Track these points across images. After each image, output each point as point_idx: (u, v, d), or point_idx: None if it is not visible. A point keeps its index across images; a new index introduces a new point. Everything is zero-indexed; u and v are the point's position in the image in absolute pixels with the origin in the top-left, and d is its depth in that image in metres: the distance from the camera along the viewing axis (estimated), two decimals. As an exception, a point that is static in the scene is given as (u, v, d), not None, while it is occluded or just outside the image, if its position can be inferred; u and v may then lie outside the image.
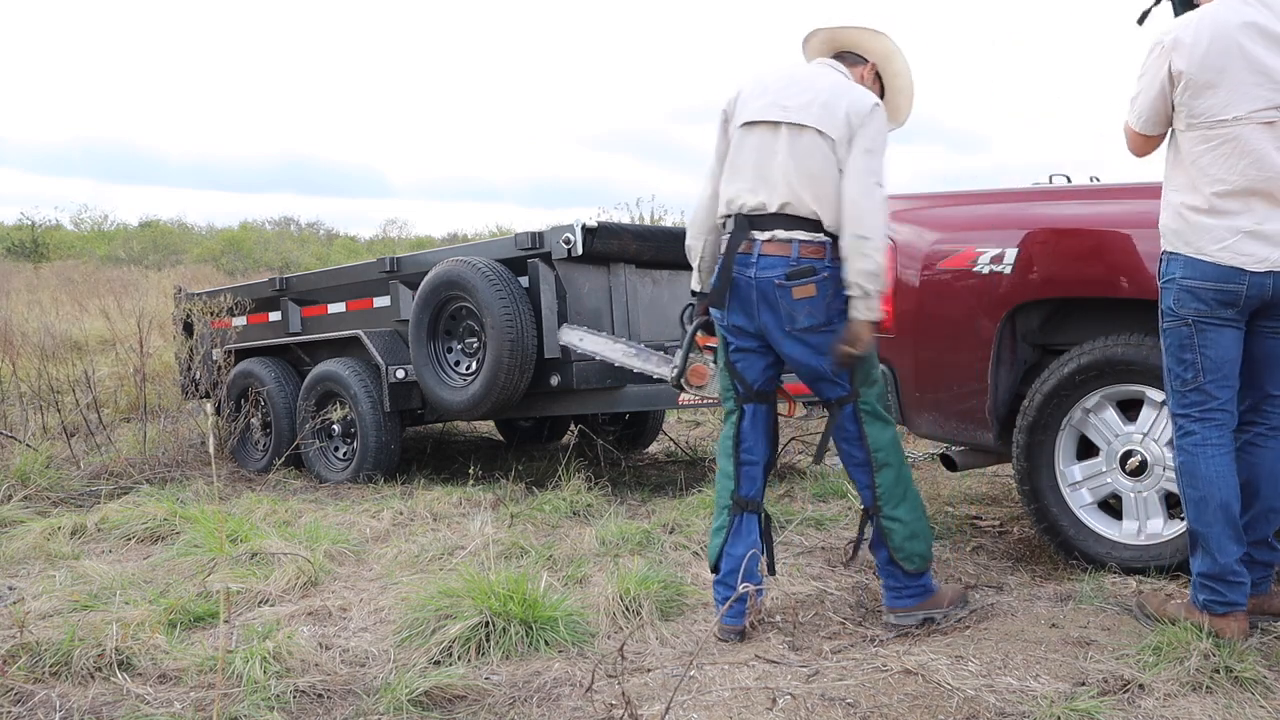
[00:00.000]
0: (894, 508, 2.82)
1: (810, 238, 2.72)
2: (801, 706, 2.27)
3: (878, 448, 2.82)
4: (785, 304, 2.72)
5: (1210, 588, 2.61)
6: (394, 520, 4.32)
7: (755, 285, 2.74)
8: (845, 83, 2.83)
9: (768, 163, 2.76)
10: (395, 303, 5.38)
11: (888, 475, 2.83)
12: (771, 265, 2.73)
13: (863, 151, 2.71)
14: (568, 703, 2.41)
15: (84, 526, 4.19)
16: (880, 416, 2.84)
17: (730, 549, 2.86)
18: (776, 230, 2.73)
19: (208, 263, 19.26)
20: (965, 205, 3.68)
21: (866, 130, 2.72)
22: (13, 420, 6.18)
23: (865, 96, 2.77)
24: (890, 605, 2.88)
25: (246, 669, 2.52)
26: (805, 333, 2.74)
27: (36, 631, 2.73)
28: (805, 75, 2.87)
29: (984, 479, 4.99)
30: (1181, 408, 2.65)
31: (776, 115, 2.77)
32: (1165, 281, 2.64)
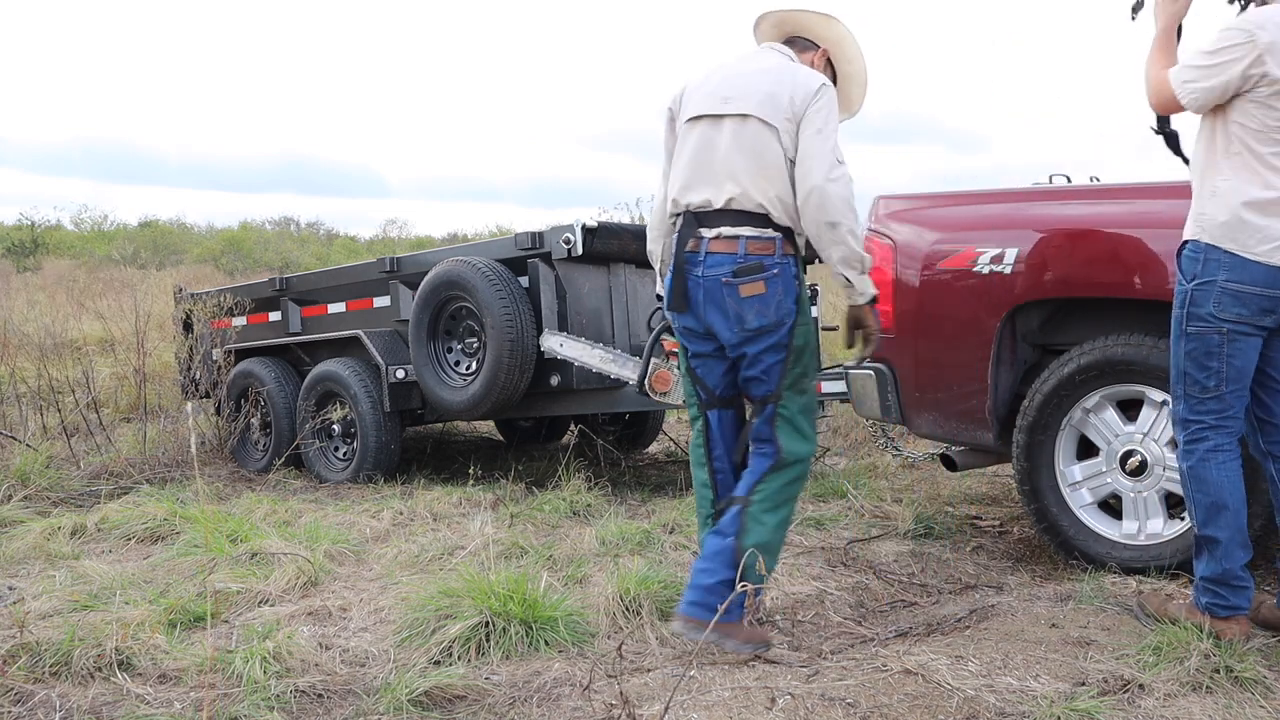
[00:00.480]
0: (764, 510, 2.64)
1: (758, 233, 2.61)
2: (801, 706, 2.27)
3: (787, 451, 2.66)
4: (733, 303, 2.60)
5: (1214, 591, 2.59)
6: (394, 520, 4.32)
7: (703, 285, 2.63)
8: (789, 66, 2.70)
9: (711, 157, 2.66)
10: (395, 303, 5.38)
11: (778, 479, 2.65)
12: (719, 263, 2.61)
13: (814, 133, 2.58)
14: (568, 703, 2.41)
15: (84, 526, 4.19)
16: (798, 429, 2.68)
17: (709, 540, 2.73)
18: (723, 227, 2.62)
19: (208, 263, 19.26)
20: (965, 205, 3.68)
21: (815, 111, 2.59)
22: (13, 420, 6.17)
23: (810, 78, 2.64)
24: (688, 612, 2.59)
25: (246, 669, 2.52)
26: (756, 334, 2.61)
27: (36, 631, 2.73)
28: (747, 64, 2.74)
29: (984, 479, 4.99)
30: (1196, 414, 2.59)
31: (717, 108, 2.67)
32: (1203, 283, 2.52)
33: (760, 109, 2.61)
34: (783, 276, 2.61)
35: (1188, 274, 2.56)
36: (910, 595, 3.23)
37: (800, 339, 2.66)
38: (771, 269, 2.60)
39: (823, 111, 2.60)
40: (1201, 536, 2.61)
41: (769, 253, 2.61)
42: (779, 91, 2.61)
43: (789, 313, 2.62)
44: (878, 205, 3.79)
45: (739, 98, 2.64)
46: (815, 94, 2.60)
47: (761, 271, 2.59)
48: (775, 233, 2.62)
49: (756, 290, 2.58)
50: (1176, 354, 2.61)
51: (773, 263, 2.60)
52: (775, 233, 2.62)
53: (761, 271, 2.59)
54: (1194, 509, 2.62)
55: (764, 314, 2.60)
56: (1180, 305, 2.58)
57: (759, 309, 2.59)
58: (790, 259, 2.63)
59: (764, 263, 2.60)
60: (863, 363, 2.65)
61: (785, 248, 2.62)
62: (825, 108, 2.61)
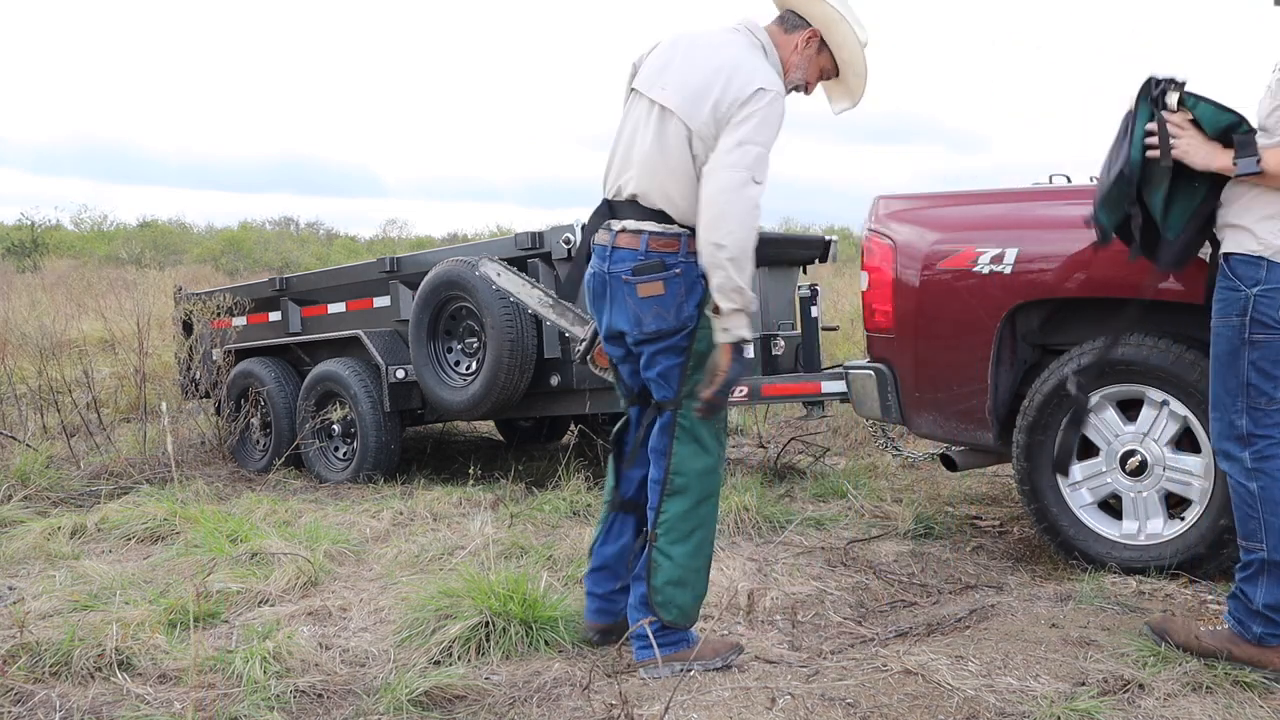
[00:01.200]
0: (670, 543, 2.48)
1: (662, 229, 2.42)
2: (801, 706, 2.27)
3: (678, 471, 2.47)
4: (633, 303, 2.43)
5: (1272, 620, 2.42)
6: (394, 520, 4.32)
7: (609, 280, 2.48)
8: (739, 62, 2.42)
9: (632, 142, 2.49)
10: (395, 303, 5.39)
11: (678, 505, 2.48)
12: (621, 259, 2.44)
13: (735, 143, 2.34)
14: (567, 703, 2.41)
15: (84, 526, 4.19)
16: (697, 439, 2.48)
17: (601, 546, 2.71)
18: (628, 220, 2.46)
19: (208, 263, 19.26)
20: (965, 205, 3.68)
21: (745, 119, 2.34)
22: (13, 420, 6.17)
23: (748, 81, 2.37)
24: (637, 658, 2.52)
25: (246, 669, 2.52)
26: (654, 337, 2.44)
27: (36, 631, 2.73)
28: (700, 49, 2.48)
29: (984, 479, 4.99)
30: (1263, 428, 2.42)
31: (653, 93, 2.47)
32: (1270, 288, 2.38)
33: (682, 107, 2.40)
34: (685, 277, 2.42)
35: (1248, 280, 2.41)
36: (910, 595, 3.23)
37: (702, 343, 2.45)
38: (673, 268, 2.41)
39: (752, 120, 2.35)
40: (1271, 562, 2.42)
41: (672, 250, 2.42)
42: (710, 90, 2.38)
43: (690, 318, 2.43)
44: (878, 205, 3.79)
45: (672, 87, 2.44)
46: (746, 101, 2.35)
47: (662, 270, 2.41)
48: (682, 229, 2.43)
49: (655, 290, 2.41)
50: (1235, 365, 2.44)
51: (675, 261, 2.42)
52: (682, 229, 2.43)
53: (662, 270, 2.41)
54: (1265, 533, 2.43)
55: (662, 317, 2.42)
56: (1240, 313, 2.42)
57: (657, 311, 2.42)
58: (695, 258, 2.42)
59: (665, 261, 2.42)
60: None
61: (691, 245, 2.42)
62: (757, 119, 2.35)
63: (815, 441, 5.99)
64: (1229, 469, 2.49)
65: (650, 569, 2.50)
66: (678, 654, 2.51)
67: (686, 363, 2.47)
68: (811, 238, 5.68)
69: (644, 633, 2.46)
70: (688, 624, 2.55)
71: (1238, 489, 2.47)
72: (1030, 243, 3.34)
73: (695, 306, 2.44)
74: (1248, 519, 2.46)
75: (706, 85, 2.40)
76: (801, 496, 4.54)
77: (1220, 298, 2.48)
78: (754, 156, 2.34)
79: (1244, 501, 2.46)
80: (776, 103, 2.39)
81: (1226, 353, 2.46)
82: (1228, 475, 2.50)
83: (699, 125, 2.39)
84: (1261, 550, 2.43)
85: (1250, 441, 2.43)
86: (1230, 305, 2.44)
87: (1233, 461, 2.47)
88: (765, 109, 2.36)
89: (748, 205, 2.34)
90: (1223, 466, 2.52)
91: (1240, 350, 2.43)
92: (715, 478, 2.53)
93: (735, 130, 2.35)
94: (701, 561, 2.54)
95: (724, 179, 2.33)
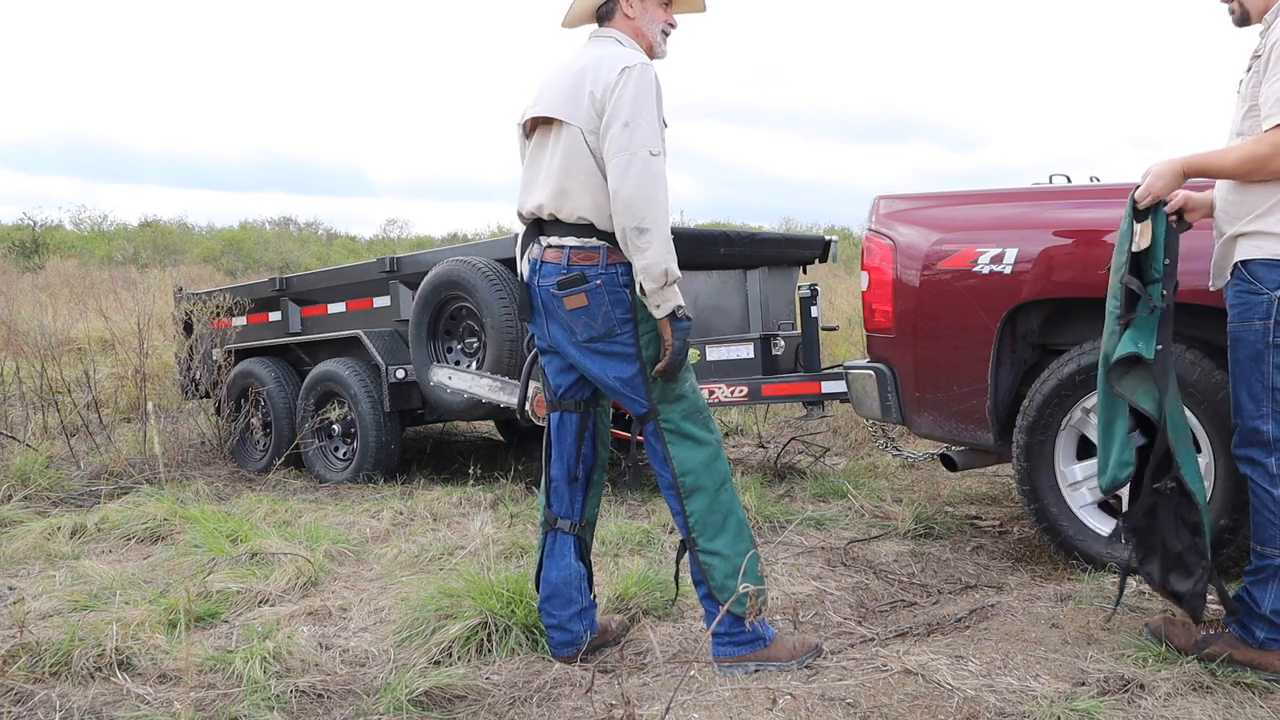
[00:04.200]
0: (710, 539, 2.51)
1: (581, 243, 2.49)
2: (801, 706, 2.27)
3: (684, 470, 2.51)
4: (563, 314, 2.51)
5: (1276, 625, 2.42)
6: (394, 520, 4.32)
7: (539, 294, 2.55)
8: (600, 56, 2.48)
9: (536, 165, 2.57)
10: (395, 303, 5.39)
11: (699, 501, 2.51)
12: (547, 274, 2.52)
13: (620, 128, 2.37)
14: (568, 703, 2.41)
15: (84, 526, 4.19)
16: (688, 435, 2.52)
17: (545, 573, 2.67)
18: (553, 236, 2.53)
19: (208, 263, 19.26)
20: (965, 205, 3.68)
21: (619, 101, 2.38)
22: (13, 420, 6.17)
23: (612, 66, 2.42)
24: (715, 654, 2.54)
25: (246, 669, 2.52)
26: (590, 344, 2.51)
27: (36, 631, 2.73)
28: (561, 63, 2.58)
29: (984, 479, 4.99)
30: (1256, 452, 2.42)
31: (540, 112, 2.54)
32: None
33: (563, 111, 2.47)
34: (607, 287, 2.47)
35: (1270, 283, 2.39)
36: (910, 595, 3.23)
37: (650, 348, 2.50)
38: (594, 280, 2.47)
39: (626, 100, 2.38)
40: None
41: (592, 263, 2.48)
42: (580, 89, 2.45)
43: (619, 322, 2.48)
44: (878, 205, 3.79)
45: (550, 101, 2.52)
46: (615, 82, 2.39)
47: (583, 283, 2.47)
48: (600, 242, 2.48)
49: (579, 303, 2.47)
50: (1260, 370, 2.42)
51: (595, 273, 2.47)
52: (600, 242, 2.48)
53: (583, 283, 2.47)
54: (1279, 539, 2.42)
55: (591, 325, 2.48)
56: (1263, 316, 2.39)
57: (585, 320, 2.49)
58: (617, 268, 2.47)
59: (585, 274, 2.47)
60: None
61: (611, 256, 2.47)
62: (630, 94, 2.38)
63: (815, 441, 6.00)
64: (1253, 474, 2.46)
65: (705, 572, 2.51)
66: (754, 653, 2.52)
67: (643, 370, 2.50)
68: (811, 238, 5.69)
69: (721, 630, 2.49)
70: (760, 609, 2.52)
71: (1261, 494, 2.45)
72: (1030, 243, 3.34)
73: (625, 312, 2.48)
74: (1268, 524, 2.43)
75: (577, 84, 2.46)
76: (801, 496, 4.55)
77: (1239, 302, 2.45)
78: (644, 133, 2.37)
79: (1265, 506, 2.43)
80: (645, 71, 2.42)
81: (1249, 358, 2.43)
82: (1250, 480, 2.47)
83: (584, 121, 2.44)
84: (1277, 556, 2.41)
85: (1277, 447, 2.41)
86: (1252, 309, 2.41)
87: (1257, 467, 2.45)
88: (635, 82, 2.39)
89: (654, 182, 2.37)
90: (1245, 471, 2.49)
91: (1265, 354, 2.40)
92: (721, 463, 2.55)
93: (617, 115, 2.38)
94: (746, 544, 2.54)
95: (623, 163, 2.36)
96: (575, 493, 2.68)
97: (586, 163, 2.46)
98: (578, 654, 2.64)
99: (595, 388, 2.66)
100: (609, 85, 2.40)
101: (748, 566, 2.45)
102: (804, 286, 5.43)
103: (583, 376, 2.63)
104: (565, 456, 2.67)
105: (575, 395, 2.66)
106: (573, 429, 2.66)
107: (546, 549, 2.68)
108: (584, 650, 2.65)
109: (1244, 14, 2.53)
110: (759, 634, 2.52)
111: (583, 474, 2.68)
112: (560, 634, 2.66)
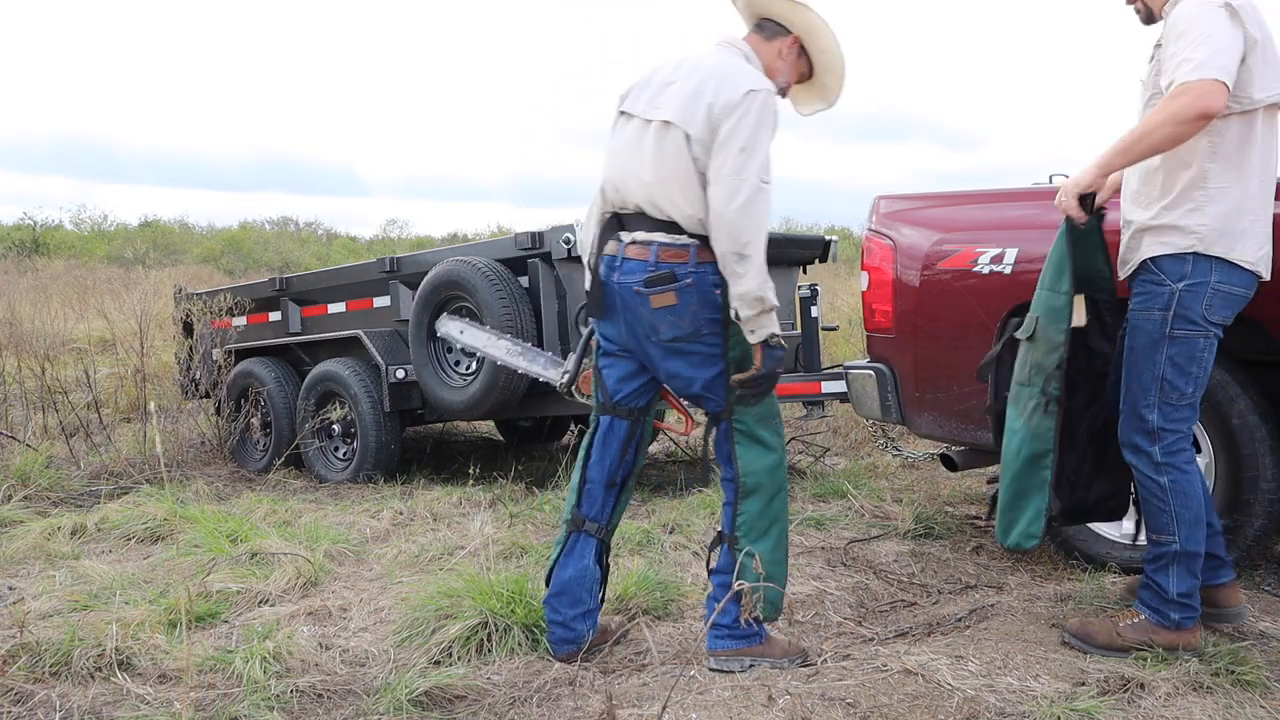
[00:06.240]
0: (754, 541, 2.52)
1: (671, 240, 2.45)
2: (801, 706, 2.27)
3: (747, 472, 2.53)
4: (646, 313, 2.46)
5: (1188, 605, 2.52)
6: (394, 520, 4.32)
7: (618, 291, 2.51)
8: (726, 68, 2.47)
9: (631, 158, 2.52)
10: (395, 303, 5.39)
11: (754, 504, 2.53)
12: (631, 270, 2.47)
13: (738, 150, 2.36)
14: (567, 703, 2.41)
15: (84, 526, 4.19)
16: (758, 440, 2.54)
17: (560, 570, 2.65)
18: (638, 232, 2.49)
19: (208, 263, 19.27)
20: (965, 205, 3.68)
21: (739, 124, 2.36)
22: (13, 420, 6.17)
23: (737, 85, 2.40)
24: (711, 647, 2.56)
25: (246, 669, 2.52)
26: (674, 343, 2.48)
27: (36, 631, 2.73)
28: (691, 62, 2.53)
29: (984, 479, 4.99)
30: (1172, 423, 2.51)
31: (645, 110, 2.52)
32: (1193, 284, 2.45)
33: (678, 116, 2.44)
34: (697, 287, 2.44)
35: (1174, 275, 2.48)
36: (910, 595, 3.23)
37: (736, 350, 2.50)
38: (684, 279, 2.44)
39: (748, 125, 2.37)
40: (1181, 553, 2.50)
41: (682, 260, 2.45)
42: (700, 98, 2.42)
43: (706, 322, 2.46)
44: (878, 205, 3.79)
45: (666, 103, 2.48)
46: (738, 104, 2.37)
47: (673, 281, 2.44)
48: (690, 240, 2.45)
49: (667, 301, 2.44)
50: (1152, 360, 2.50)
51: (686, 271, 2.44)
52: (690, 240, 2.45)
53: (673, 281, 2.44)
54: (1176, 525, 2.50)
55: (678, 325, 2.45)
56: (1163, 308, 2.50)
57: (672, 320, 2.45)
58: (706, 267, 2.45)
59: (675, 272, 2.44)
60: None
61: (701, 255, 2.45)
62: (752, 121, 2.37)
63: (815, 441, 6.00)
64: (1136, 462, 2.57)
65: (737, 570, 2.52)
66: (750, 648, 2.55)
67: (726, 371, 2.50)
68: (811, 238, 5.68)
69: (723, 621, 2.52)
70: (777, 616, 2.59)
71: (1146, 483, 2.55)
72: (1030, 243, 3.34)
73: (714, 312, 2.47)
74: (1159, 512, 2.53)
75: (698, 92, 2.43)
76: (801, 496, 4.54)
77: (1142, 292, 2.55)
78: (759, 161, 2.37)
79: (1153, 495, 2.54)
80: (769, 101, 2.42)
81: (1145, 346, 2.53)
82: (1134, 469, 2.58)
83: (697, 130, 2.41)
84: (1173, 542, 2.51)
85: (1160, 436, 2.52)
86: (1153, 299, 2.51)
87: (1141, 455, 2.55)
88: (759, 109, 2.38)
89: (762, 211, 2.37)
90: (1129, 460, 2.59)
91: (1160, 344, 2.50)
92: (782, 472, 2.57)
93: (734, 137, 2.37)
94: (782, 555, 2.57)
95: (733, 187, 2.35)
96: (609, 497, 2.66)
97: (687, 169, 2.42)
98: (578, 653, 2.64)
99: (650, 397, 2.67)
100: (731, 104, 2.38)
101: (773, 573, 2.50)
102: (804, 286, 5.43)
103: (642, 385, 2.62)
104: (609, 461, 2.65)
105: (632, 403, 2.64)
106: (621, 435, 2.64)
107: (567, 547, 2.66)
108: (584, 650, 2.65)
109: (1149, 13, 2.63)
110: (756, 631, 2.55)
111: (620, 479, 2.67)
112: (562, 631, 2.65)
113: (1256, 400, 3.00)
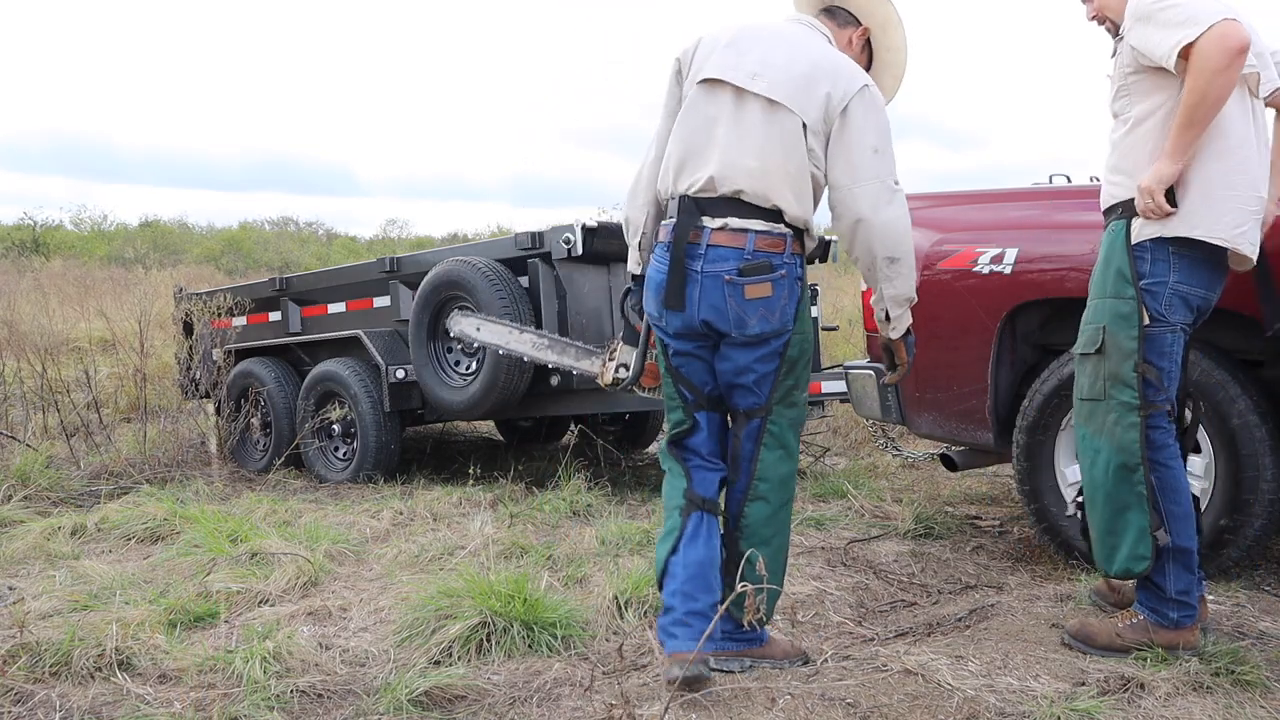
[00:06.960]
0: (752, 545, 2.44)
1: (768, 228, 2.32)
2: (801, 706, 2.27)
3: (762, 477, 2.44)
4: (735, 304, 2.32)
5: (1185, 604, 2.52)
6: (394, 520, 4.32)
7: (700, 281, 2.34)
8: (829, 53, 2.38)
9: (724, 136, 2.34)
10: (395, 303, 5.39)
11: (760, 510, 2.45)
12: (722, 258, 2.32)
13: (870, 151, 2.28)
14: (568, 703, 2.41)
15: (84, 526, 4.19)
16: (784, 444, 2.45)
17: (687, 550, 2.40)
18: (730, 218, 2.33)
19: (208, 263, 19.26)
20: (966, 205, 3.68)
21: (865, 122, 2.29)
22: (13, 420, 6.17)
23: (853, 75, 2.33)
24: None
25: (246, 669, 2.52)
26: (755, 339, 2.36)
27: (36, 631, 2.73)
28: (782, 36, 2.40)
29: (984, 479, 4.99)
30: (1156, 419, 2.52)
31: (742, 80, 2.33)
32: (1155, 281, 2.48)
33: (791, 99, 2.29)
34: (789, 279, 2.35)
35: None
36: (910, 595, 3.23)
37: (795, 349, 2.42)
38: (780, 269, 2.33)
39: (873, 123, 2.30)
40: (1175, 549, 2.50)
41: (778, 250, 2.33)
42: (817, 83, 2.30)
43: (789, 319, 2.38)
44: (878, 205, 3.78)
45: (770, 77, 2.32)
46: (858, 97, 2.29)
47: (770, 272, 2.31)
48: (786, 229, 2.35)
49: (762, 292, 2.31)
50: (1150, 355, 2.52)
51: (781, 262, 2.33)
52: (786, 229, 2.35)
53: (770, 272, 2.31)
54: (1169, 519, 2.50)
55: (768, 319, 2.34)
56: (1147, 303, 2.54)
57: (764, 313, 2.33)
58: (798, 259, 2.38)
59: (772, 262, 2.32)
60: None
61: (794, 246, 2.37)
62: (879, 119, 2.31)
63: (815, 441, 6.00)
64: None
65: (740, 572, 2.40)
66: (751, 650, 2.52)
67: (780, 369, 2.42)
68: (811, 238, 5.67)
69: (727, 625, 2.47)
70: (768, 622, 2.57)
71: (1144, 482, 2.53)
72: (1030, 243, 3.34)
73: (795, 308, 2.39)
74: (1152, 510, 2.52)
75: (812, 77, 2.32)
76: (801, 496, 4.55)
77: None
78: (890, 161, 2.34)
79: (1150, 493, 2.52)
80: (879, 95, 2.38)
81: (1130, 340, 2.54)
82: None
83: (813, 119, 2.31)
84: (1166, 539, 2.51)
85: (1148, 434, 2.52)
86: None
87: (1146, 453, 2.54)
88: (879, 107, 2.35)
89: (903, 214, 2.35)
90: None
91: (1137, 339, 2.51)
92: (794, 483, 2.53)
93: (864, 136, 2.30)
94: (780, 563, 2.53)
95: (875, 191, 2.30)
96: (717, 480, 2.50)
97: (800, 158, 2.32)
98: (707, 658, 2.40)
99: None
100: (849, 92, 2.30)
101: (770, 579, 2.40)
102: (804, 286, 5.42)
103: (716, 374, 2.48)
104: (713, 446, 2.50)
105: (716, 393, 2.51)
106: (720, 426, 2.53)
107: (690, 527, 2.42)
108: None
109: (1115, 25, 2.62)
110: (757, 634, 2.53)
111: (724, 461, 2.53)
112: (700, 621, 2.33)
113: (1256, 400, 3.00)
